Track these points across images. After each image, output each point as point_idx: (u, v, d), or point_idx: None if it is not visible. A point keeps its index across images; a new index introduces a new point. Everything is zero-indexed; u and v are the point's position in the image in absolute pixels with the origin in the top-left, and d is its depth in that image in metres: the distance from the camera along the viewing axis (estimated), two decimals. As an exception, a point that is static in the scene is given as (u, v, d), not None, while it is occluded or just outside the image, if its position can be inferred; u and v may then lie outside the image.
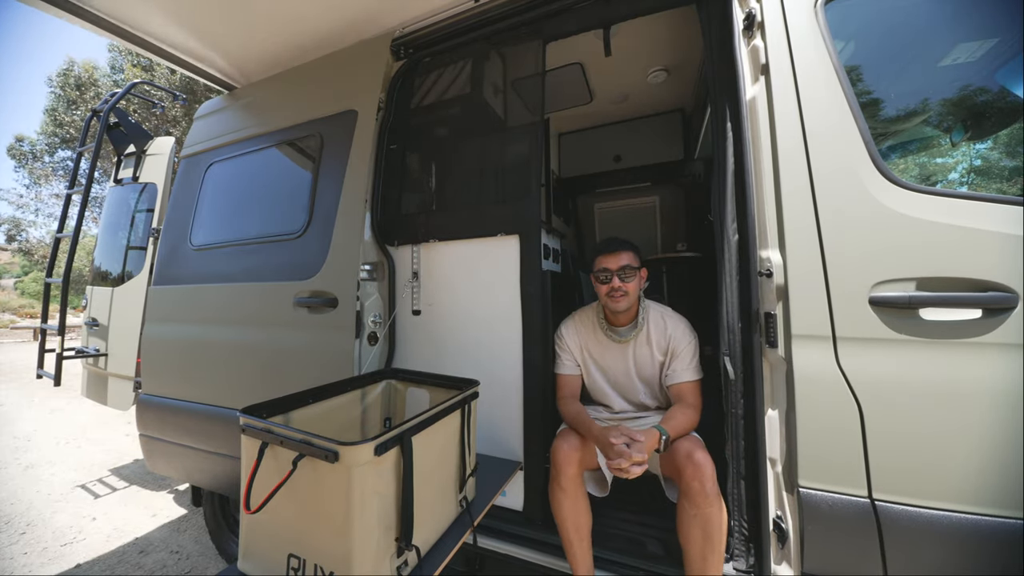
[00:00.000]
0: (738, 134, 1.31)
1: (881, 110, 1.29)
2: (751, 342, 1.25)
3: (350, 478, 0.86)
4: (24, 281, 25.37)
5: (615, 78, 2.93)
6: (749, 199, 1.26)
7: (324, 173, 1.87)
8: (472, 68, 1.88)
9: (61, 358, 2.73)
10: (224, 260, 2.09)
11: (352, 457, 0.86)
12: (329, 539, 0.89)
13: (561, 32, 1.70)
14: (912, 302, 1.03)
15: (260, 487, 0.94)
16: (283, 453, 0.93)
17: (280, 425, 0.95)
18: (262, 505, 0.91)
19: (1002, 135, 1.39)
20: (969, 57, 1.23)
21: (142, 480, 3.45)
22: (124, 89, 3.09)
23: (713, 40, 1.43)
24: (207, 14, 1.89)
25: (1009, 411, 0.97)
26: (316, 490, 0.90)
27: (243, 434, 0.99)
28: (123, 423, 4.93)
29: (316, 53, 2.10)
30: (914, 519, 1.01)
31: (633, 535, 1.54)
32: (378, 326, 1.88)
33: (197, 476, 2.08)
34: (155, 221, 2.78)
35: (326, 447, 0.87)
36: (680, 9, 1.62)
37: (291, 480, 0.90)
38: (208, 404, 1.97)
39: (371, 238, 1.93)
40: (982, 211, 1.02)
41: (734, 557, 1.28)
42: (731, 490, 1.30)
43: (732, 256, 1.32)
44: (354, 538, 0.86)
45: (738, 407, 1.28)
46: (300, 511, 0.92)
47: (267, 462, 0.95)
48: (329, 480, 0.88)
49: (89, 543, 2.55)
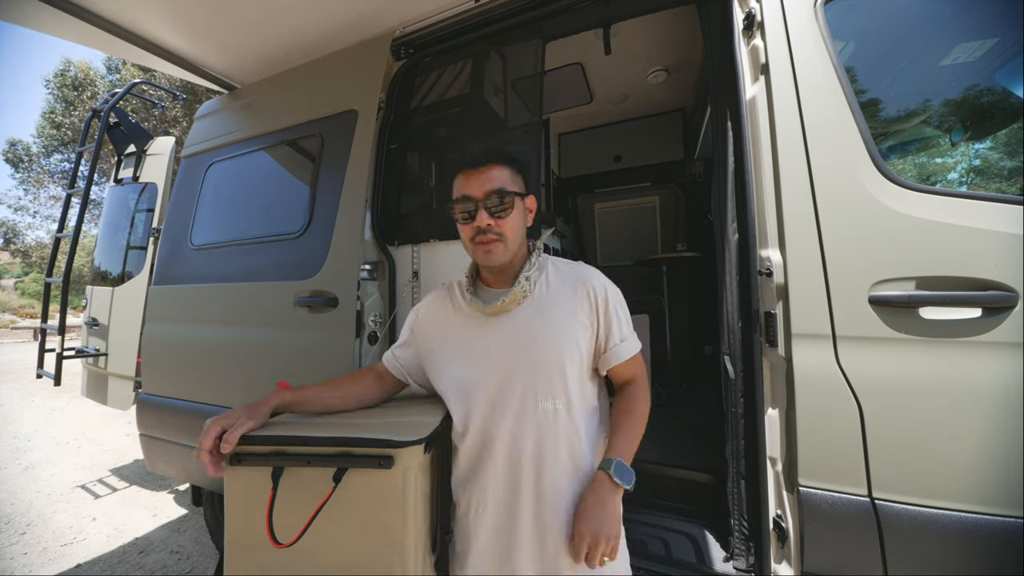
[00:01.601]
0: (738, 134, 1.31)
1: (881, 110, 1.29)
2: (751, 341, 1.24)
3: (406, 482, 0.79)
4: (24, 281, 25.38)
5: (615, 78, 2.93)
6: (749, 199, 1.26)
7: (324, 173, 1.87)
8: (472, 68, 1.88)
9: (61, 358, 2.73)
10: (224, 260, 2.09)
11: (408, 460, 0.79)
12: (380, 551, 0.80)
13: (561, 32, 1.71)
14: (912, 301, 1.03)
15: (256, 517, 0.81)
16: (305, 473, 0.81)
17: (308, 438, 0.82)
18: (301, 534, 0.79)
19: (1002, 135, 1.39)
20: (969, 57, 1.23)
21: (142, 480, 3.45)
22: (124, 89, 3.09)
23: (713, 40, 1.44)
24: (207, 14, 1.89)
25: (1009, 410, 0.97)
26: (362, 501, 0.80)
27: (238, 466, 0.83)
28: (123, 423, 4.93)
29: (316, 53, 2.10)
30: (914, 518, 1.01)
31: (633, 535, 1.54)
32: (378, 326, 1.88)
33: (197, 476, 2.08)
34: (155, 221, 2.78)
35: (378, 453, 0.78)
36: (680, 9, 1.62)
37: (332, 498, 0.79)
38: (208, 404, 1.97)
39: (371, 238, 1.93)
40: (982, 210, 1.02)
41: (734, 556, 1.29)
42: (731, 489, 1.30)
43: (732, 255, 1.32)
44: (409, 546, 0.79)
45: (738, 406, 1.28)
46: (341, 529, 0.80)
47: (281, 486, 0.82)
48: (380, 488, 0.79)
49: (89, 543, 2.55)
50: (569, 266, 1.04)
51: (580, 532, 0.83)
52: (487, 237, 0.94)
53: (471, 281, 1.05)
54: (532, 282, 0.97)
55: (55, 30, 1.92)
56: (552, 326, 0.94)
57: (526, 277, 0.96)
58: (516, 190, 0.96)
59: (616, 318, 0.98)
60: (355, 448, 0.80)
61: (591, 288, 0.97)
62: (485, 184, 0.94)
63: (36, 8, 1.75)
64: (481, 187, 0.94)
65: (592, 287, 0.98)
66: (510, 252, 0.97)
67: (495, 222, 0.93)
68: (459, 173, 0.98)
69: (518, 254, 1.00)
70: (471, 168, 0.96)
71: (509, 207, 0.94)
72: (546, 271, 1.02)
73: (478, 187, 0.94)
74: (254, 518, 0.82)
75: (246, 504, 0.84)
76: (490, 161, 0.96)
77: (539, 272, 1.00)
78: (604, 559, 0.82)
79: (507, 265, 0.99)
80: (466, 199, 0.95)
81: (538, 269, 1.00)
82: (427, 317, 1.09)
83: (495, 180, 0.94)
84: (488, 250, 0.95)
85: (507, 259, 0.97)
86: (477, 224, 0.93)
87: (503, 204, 0.94)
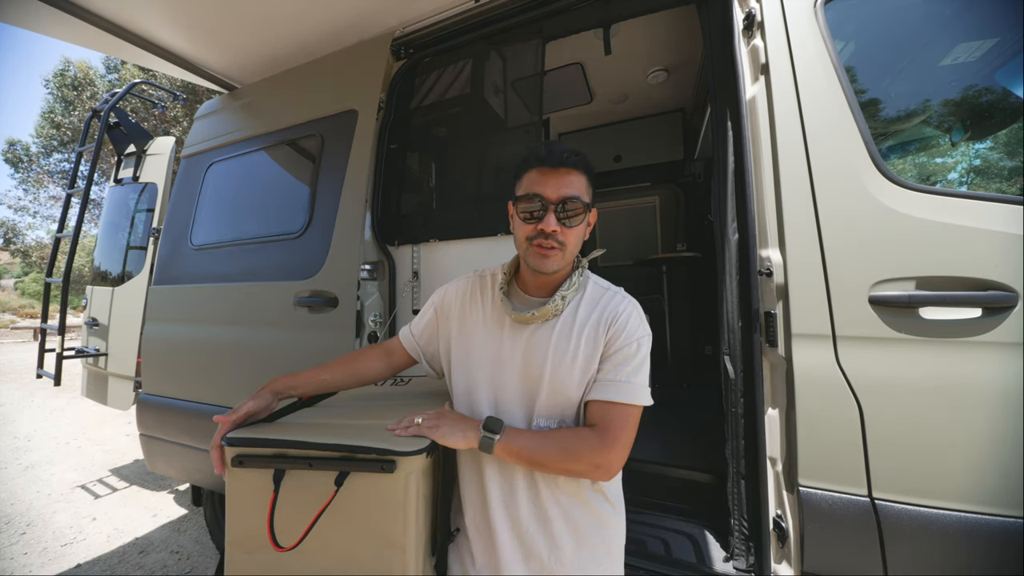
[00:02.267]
0: (738, 134, 1.31)
1: (881, 110, 1.29)
2: (751, 341, 1.25)
3: (407, 486, 0.79)
4: (24, 281, 25.38)
5: (615, 78, 2.93)
6: (749, 199, 1.26)
7: (324, 173, 1.87)
8: (472, 68, 1.88)
9: (61, 358, 2.73)
10: (224, 260, 2.09)
11: (410, 464, 0.79)
12: (380, 553, 0.80)
13: (561, 32, 1.71)
14: (912, 301, 1.04)
15: (257, 519, 0.81)
16: (306, 475, 0.82)
17: (311, 444, 0.82)
18: (303, 537, 0.79)
19: (1002, 135, 1.39)
20: (969, 57, 1.23)
21: (142, 480, 3.45)
22: (124, 89, 3.09)
23: (713, 40, 1.44)
24: (207, 15, 1.89)
25: (1009, 410, 0.97)
26: (363, 505, 0.80)
27: (240, 467, 0.83)
28: (123, 423, 4.93)
29: (316, 53, 2.10)
30: (914, 518, 1.01)
31: (633, 534, 1.54)
32: (378, 326, 1.88)
33: (197, 476, 2.08)
34: (155, 221, 2.78)
35: (381, 458, 0.78)
36: (680, 9, 1.63)
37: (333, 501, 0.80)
38: (208, 404, 1.97)
39: (371, 238, 1.93)
40: (982, 210, 1.02)
41: (734, 556, 1.29)
42: (731, 489, 1.30)
43: (732, 255, 1.32)
44: (410, 548, 0.80)
45: (738, 406, 1.29)
46: (341, 532, 0.81)
47: (282, 488, 0.83)
48: (381, 491, 0.79)
49: (89, 543, 2.55)
50: (605, 292, 0.97)
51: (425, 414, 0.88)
52: (548, 243, 0.88)
53: (507, 279, 1.00)
54: (566, 302, 0.93)
55: (55, 31, 1.92)
56: (568, 351, 0.89)
57: (562, 296, 0.91)
58: (588, 201, 0.91)
59: (620, 355, 0.88)
60: (359, 454, 0.80)
61: (615, 319, 0.90)
62: (562, 188, 0.87)
63: (36, 8, 1.75)
64: (557, 189, 0.87)
65: (616, 318, 0.90)
66: (565, 262, 0.92)
67: (561, 229, 0.88)
68: (534, 167, 0.91)
69: (568, 266, 0.95)
70: (550, 167, 0.89)
71: (579, 217, 0.89)
72: (583, 291, 0.96)
73: (554, 189, 0.87)
74: (255, 520, 0.82)
75: (247, 505, 0.84)
76: (574, 164, 0.89)
77: (576, 292, 0.95)
78: (411, 431, 0.85)
79: (555, 274, 0.93)
80: (537, 198, 0.88)
81: (576, 288, 0.94)
82: (454, 302, 1.05)
83: (572, 186, 0.88)
84: (545, 256, 0.89)
85: (560, 268, 0.92)
86: (543, 227, 0.87)
87: (574, 213, 0.88)
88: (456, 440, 0.84)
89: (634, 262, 3.44)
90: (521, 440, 0.83)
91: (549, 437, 0.84)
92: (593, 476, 0.85)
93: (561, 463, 0.82)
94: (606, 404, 0.86)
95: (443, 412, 0.89)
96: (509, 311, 0.94)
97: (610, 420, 0.84)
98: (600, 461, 0.81)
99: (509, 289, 1.00)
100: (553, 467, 0.83)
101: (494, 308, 0.99)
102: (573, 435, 0.84)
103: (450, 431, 0.84)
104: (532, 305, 0.96)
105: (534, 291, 0.98)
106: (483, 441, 0.82)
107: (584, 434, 0.84)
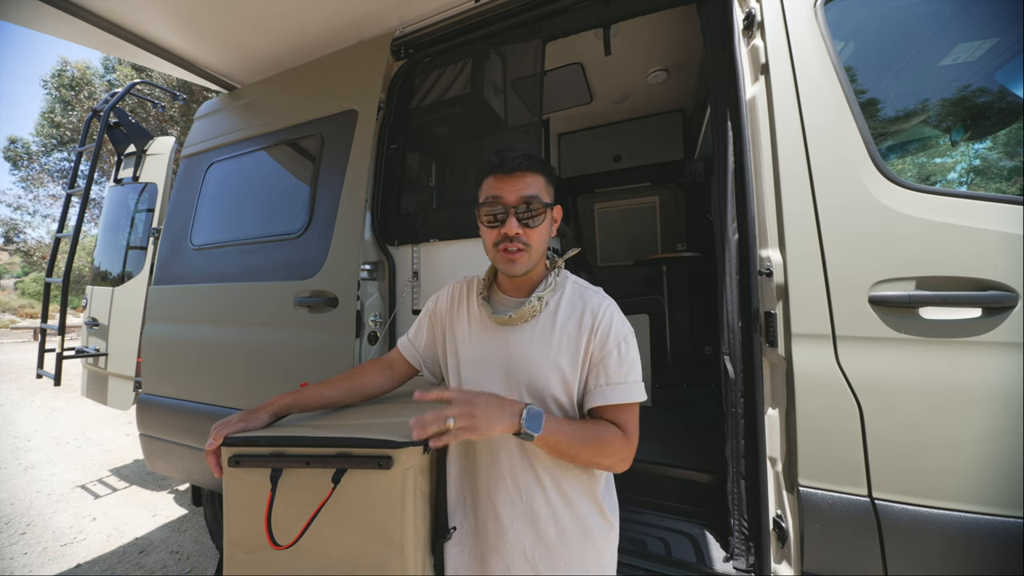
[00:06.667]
0: (738, 134, 1.31)
1: (881, 110, 1.30)
2: (751, 341, 1.25)
3: (404, 483, 0.79)
4: (24, 281, 25.37)
5: (615, 78, 2.93)
6: (749, 199, 1.26)
7: (324, 173, 1.87)
8: (472, 68, 1.89)
9: (61, 358, 2.73)
10: (224, 260, 2.09)
11: (407, 460, 0.79)
12: (378, 551, 0.80)
13: (561, 32, 1.71)
14: (912, 301, 1.04)
15: (255, 518, 0.81)
16: (304, 474, 0.82)
17: (307, 439, 0.82)
18: (300, 535, 0.79)
19: (1002, 135, 1.39)
20: (969, 57, 1.23)
21: (142, 480, 3.45)
22: (124, 89, 3.09)
23: (713, 40, 1.44)
24: (207, 14, 1.89)
25: (1009, 410, 0.97)
26: (360, 502, 0.80)
27: (237, 467, 0.84)
28: (123, 423, 4.93)
29: (316, 53, 2.10)
30: (914, 518, 1.01)
31: (633, 534, 1.55)
32: (378, 326, 1.88)
33: (197, 476, 2.07)
34: (155, 221, 2.79)
35: (377, 454, 0.78)
36: (680, 9, 1.62)
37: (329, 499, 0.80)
38: (209, 404, 1.97)
39: (371, 238, 1.93)
40: (982, 210, 1.02)
41: (734, 556, 1.29)
42: (731, 489, 1.30)
43: (732, 255, 1.32)
44: (408, 546, 0.80)
45: (738, 406, 1.29)
46: (340, 530, 0.81)
47: (280, 487, 0.83)
48: (379, 488, 0.79)
49: (89, 543, 2.55)
50: (584, 292, 0.97)
51: (453, 395, 0.79)
52: (513, 246, 0.89)
53: (487, 284, 1.02)
54: (543, 302, 0.93)
55: (55, 30, 1.92)
56: (549, 350, 0.90)
57: (538, 297, 0.92)
58: (548, 200, 0.92)
59: (613, 357, 0.88)
60: (354, 449, 0.80)
61: (596, 319, 0.90)
62: (520, 190, 0.89)
63: (36, 8, 1.75)
64: (515, 192, 0.89)
65: (597, 318, 0.90)
66: (533, 262, 0.93)
67: (524, 231, 0.89)
68: (492, 174, 0.92)
69: (539, 265, 0.96)
70: (506, 172, 0.90)
71: (540, 217, 0.90)
72: (562, 291, 0.97)
73: (512, 192, 0.89)
74: (253, 519, 0.82)
75: (245, 505, 0.84)
76: (528, 167, 0.90)
77: (553, 292, 0.95)
78: (437, 428, 0.74)
79: (527, 275, 0.95)
80: (497, 203, 0.90)
81: (553, 289, 0.95)
82: (445, 307, 1.07)
83: (530, 187, 0.90)
84: (512, 260, 0.90)
85: (529, 269, 0.93)
86: (505, 231, 0.89)
87: (535, 213, 0.89)
88: (495, 431, 0.78)
89: (634, 262, 3.45)
90: (562, 428, 0.82)
91: (585, 427, 0.85)
92: (617, 469, 0.88)
93: (591, 455, 0.84)
94: (614, 408, 0.88)
95: (471, 402, 0.78)
96: (489, 314, 0.95)
97: (623, 420, 0.88)
98: (625, 455, 0.87)
99: (490, 293, 1.02)
100: (583, 458, 0.85)
101: (479, 312, 1.00)
102: (604, 428, 0.86)
103: (487, 425, 0.76)
104: (511, 307, 0.97)
105: (512, 292, 1.00)
106: (524, 434, 0.78)
107: (613, 428, 0.87)
